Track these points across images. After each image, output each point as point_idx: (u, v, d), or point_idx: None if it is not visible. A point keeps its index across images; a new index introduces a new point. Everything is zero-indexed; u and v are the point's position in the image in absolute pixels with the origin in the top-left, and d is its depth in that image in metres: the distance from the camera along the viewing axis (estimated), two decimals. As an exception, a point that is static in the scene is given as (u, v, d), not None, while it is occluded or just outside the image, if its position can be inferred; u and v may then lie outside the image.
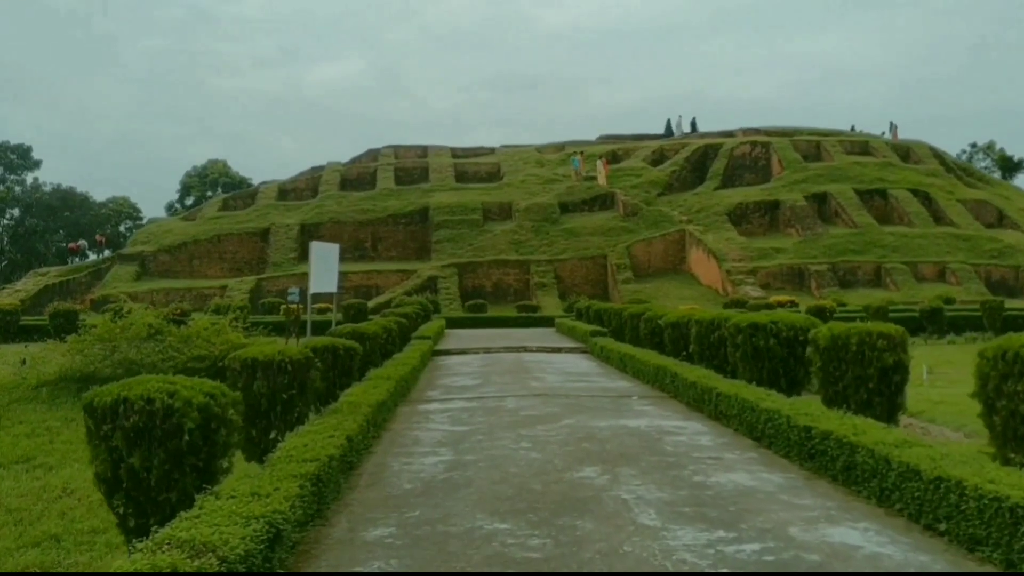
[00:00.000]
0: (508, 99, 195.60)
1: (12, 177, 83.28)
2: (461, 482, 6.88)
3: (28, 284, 46.33)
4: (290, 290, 23.73)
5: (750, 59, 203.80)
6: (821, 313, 28.71)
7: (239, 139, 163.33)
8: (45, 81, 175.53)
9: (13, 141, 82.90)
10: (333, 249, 26.20)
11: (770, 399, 8.77)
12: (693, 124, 63.25)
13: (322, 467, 5.86)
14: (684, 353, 14.15)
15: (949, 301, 33.03)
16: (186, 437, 4.72)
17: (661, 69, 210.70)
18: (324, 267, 24.41)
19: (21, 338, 28.19)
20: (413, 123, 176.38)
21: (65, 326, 25.36)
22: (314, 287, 23.29)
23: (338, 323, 26.01)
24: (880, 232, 43.51)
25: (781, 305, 33.87)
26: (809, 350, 9.04)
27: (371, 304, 35.83)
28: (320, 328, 24.21)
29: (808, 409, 7.87)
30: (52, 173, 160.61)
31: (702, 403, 10.64)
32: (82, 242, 62.58)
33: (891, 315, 27.71)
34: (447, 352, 21.69)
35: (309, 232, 46.83)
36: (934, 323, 28.63)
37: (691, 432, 9.19)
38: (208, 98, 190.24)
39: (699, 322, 13.17)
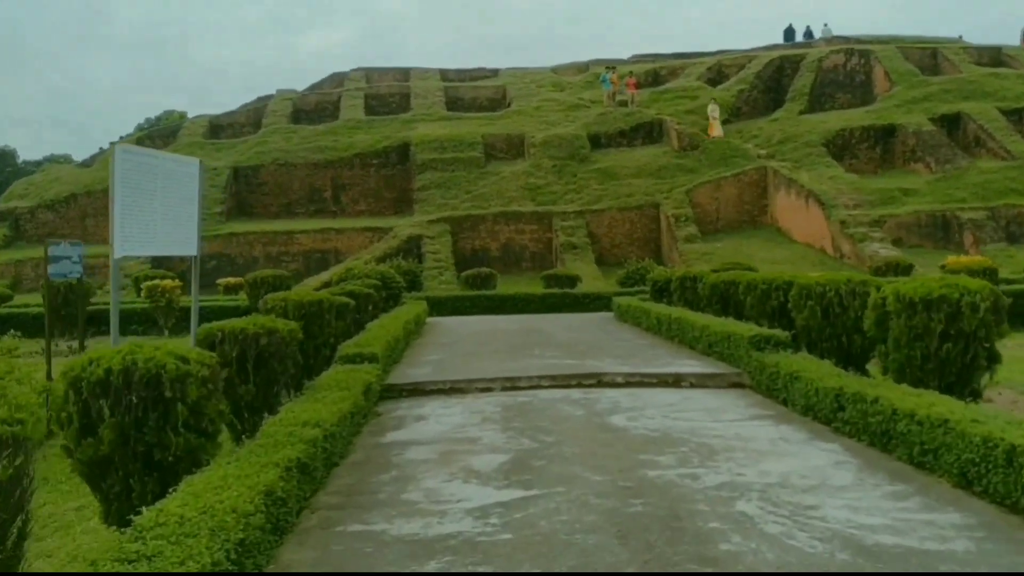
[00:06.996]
0: (510, 57, 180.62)
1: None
2: None
3: None
4: (53, 247, 10.27)
5: None
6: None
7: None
8: (36, 51, 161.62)
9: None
10: (188, 168, 13.36)
11: None
12: (808, 32, 49.27)
13: None
14: None
15: None
16: None
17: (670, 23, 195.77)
18: (156, 206, 11.66)
19: None
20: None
21: None
22: (120, 247, 10.60)
23: (245, 311, 13.95)
24: (1048, 164, 30.80)
25: (966, 274, 21.21)
26: None
27: (315, 281, 23.33)
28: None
29: None
30: (44, 145, 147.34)
31: None
32: None
33: None
34: (415, 391, 9.13)
35: (245, 178, 33.97)
36: None
37: None
38: (199, 67, 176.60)
39: None
